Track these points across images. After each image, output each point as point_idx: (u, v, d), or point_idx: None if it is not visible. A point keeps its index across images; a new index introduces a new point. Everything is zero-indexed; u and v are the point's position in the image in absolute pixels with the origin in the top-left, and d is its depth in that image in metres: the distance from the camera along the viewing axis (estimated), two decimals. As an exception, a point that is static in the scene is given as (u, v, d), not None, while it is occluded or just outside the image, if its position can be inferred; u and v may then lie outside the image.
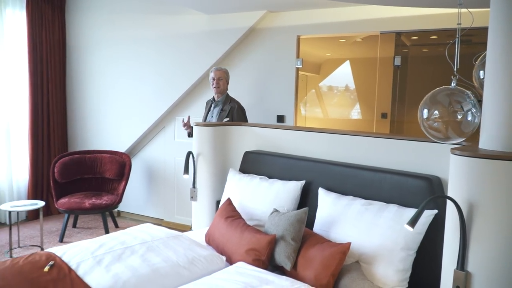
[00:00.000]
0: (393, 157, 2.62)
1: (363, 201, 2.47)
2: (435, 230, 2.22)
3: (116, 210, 5.22)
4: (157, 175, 4.93)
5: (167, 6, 4.54)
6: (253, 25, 4.15)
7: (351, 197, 2.55)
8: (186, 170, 3.23)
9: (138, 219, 5.08)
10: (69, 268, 2.06)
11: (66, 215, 4.32)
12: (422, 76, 4.24)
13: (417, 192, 2.35)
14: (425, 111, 2.18)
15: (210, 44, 4.34)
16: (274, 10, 4.10)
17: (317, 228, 2.56)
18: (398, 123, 4.28)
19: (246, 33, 4.21)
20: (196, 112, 4.61)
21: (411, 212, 2.26)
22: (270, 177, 3.03)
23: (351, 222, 2.39)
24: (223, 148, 3.36)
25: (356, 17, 3.80)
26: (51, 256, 2.16)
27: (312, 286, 2.08)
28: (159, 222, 4.96)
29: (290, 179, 2.89)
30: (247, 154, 3.27)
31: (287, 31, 4.11)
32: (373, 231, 2.29)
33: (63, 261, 2.12)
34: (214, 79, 3.80)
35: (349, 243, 2.15)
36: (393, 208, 2.34)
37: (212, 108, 3.89)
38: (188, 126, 3.90)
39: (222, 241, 2.56)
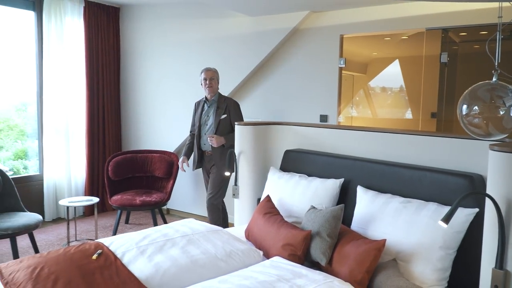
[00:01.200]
0: (434, 155, 2.56)
1: (402, 199, 2.44)
2: (477, 229, 2.15)
3: (165, 207, 5.44)
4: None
5: (212, 10, 4.68)
6: (296, 26, 4.19)
7: (389, 195, 2.53)
8: (228, 168, 3.33)
9: (185, 217, 5.25)
10: (115, 257, 2.21)
11: (119, 211, 4.57)
12: (473, 73, 4.08)
13: (457, 190, 2.29)
14: (464, 107, 2.13)
15: (254, 46, 4.43)
16: (317, 10, 4.12)
17: (354, 225, 2.56)
18: (447, 122, 4.14)
19: (290, 34, 4.25)
20: (257, 113, 4.71)
21: (451, 211, 2.21)
22: (309, 175, 3.06)
23: (389, 220, 2.37)
24: (264, 147, 3.43)
25: (401, 14, 3.74)
26: (99, 246, 2.32)
27: (346, 281, 2.09)
28: (205, 220, 5.10)
29: (329, 177, 2.90)
30: (287, 153, 3.31)
31: (330, 31, 4.11)
32: (411, 229, 2.25)
33: (110, 250, 2.27)
34: (206, 80, 3.90)
35: (384, 240, 2.14)
36: (432, 206, 2.29)
37: (206, 108, 3.99)
38: (185, 163, 4.14)
39: (260, 236, 2.63)
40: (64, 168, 5.04)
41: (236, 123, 3.46)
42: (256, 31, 4.42)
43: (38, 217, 3.83)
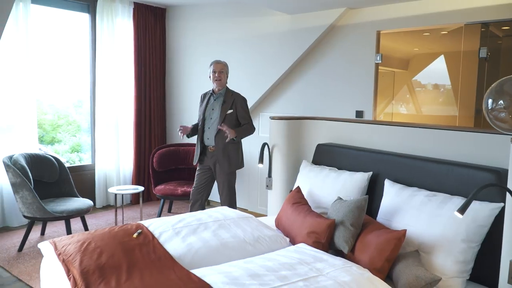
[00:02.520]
0: (461, 149, 2.58)
1: (427, 192, 2.49)
2: (503, 224, 2.16)
3: (206, 198, 5.68)
4: (243, 168, 5.25)
5: (251, 9, 4.85)
6: (333, 23, 4.26)
7: (415, 188, 2.58)
8: (260, 160, 3.48)
9: (225, 208, 5.47)
10: (153, 236, 2.43)
11: (162, 200, 4.86)
12: (517, 68, 3.97)
13: (483, 184, 2.30)
14: (490, 101, 2.16)
15: (291, 43, 4.55)
16: (354, 6, 4.17)
17: (380, 217, 2.64)
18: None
19: (326, 31, 4.33)
20: (277, 108, 4.85)
21: (476, 205, 2.24)
22: (339, 168, 3.15)
23: (413, 212, 2.43)
24: (297, 140, 3.55)
25: (438, 9, 3.72)
26: (140, 226, 2.55)
27: (366, 268, 2.18)
28: (242, 211, 5.29)
29: (358, 171, 2.98)
30: (319, 147, 3.42)
31: (367, 27, 4.15)
32: (434, 221, 2.31)
33: (149, 231, 2.50)
34: (215, 72, 3.79)
35: (405, 230, 2.21)
36: (457, 200, 2.33)
37: (212, 101, 3.85)
38: (185, 130, 3.87)
39: (288, 224, 2.76)
40: (114, 159, 5.40)
41: (270, 117, 3.60)
42: (293, 29, 4.53)
43: (89, 202, 4.17)
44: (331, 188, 2.96)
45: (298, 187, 3.03)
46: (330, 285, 1.89)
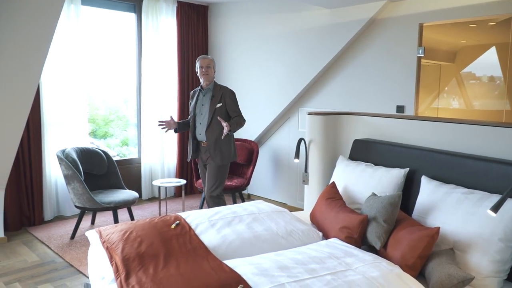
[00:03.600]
0: (501, 146, 2.50)
1: (464, 189, 2.44)
2: (542, 223, 2.09)
3: (246, 192, 5.80)
4: (282, 163, 5.32)
5: (291, 4, 4.86)
6: (373, 16, 4.20)
7: (453, 185, 2.53)
8: (296, 155, 3.52)
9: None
10: (190, 227, 2.55)
11: (203, 193, 5.01)
12: None
13: (522, 182, 2.23)
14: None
15: (331, 38, 4.53)
16: (395, -1, 4.10)
17: (415, 214, 2.61)
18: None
19: (367, 24, 4.28)
20: (316, 104, 4.86)
21: (515, 203, 2.17)
22: (376, 164, 3.13)
23: (449, 209, 2.39)
24: (333, 136, 3.55)
25: (483, 0, 3.57)
26: (178, 218, 2.68)
27: (397, 265, 2.18)
28: (282, 206, 5.36)
29: (395, 167, 2.95)
30: (356, 142, 3.41)
31: (409, 20, 4.05)
32: (471, 219, 2.26)
33: (186, 222, 2.62)
34: (202, 67, 3.82)
35: (438, 228, 2.18)
36: (495, 198, 2.26)
37: (201, 96, 3.89)
38: (168, 124, 3.91)
39: (321, 219, 2.79)
40: (158, 153, 5.62)
41: (307, 112, 3.63)
42: (333, 23, 4.51)
43: (135, 194, 4.39)
44: (367, 184, 2.95)
45: (333, 182, 3.05)
46: (357, 279, 1.91)
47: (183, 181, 4.72)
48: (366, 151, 3.28)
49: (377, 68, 4.32)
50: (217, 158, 3.81)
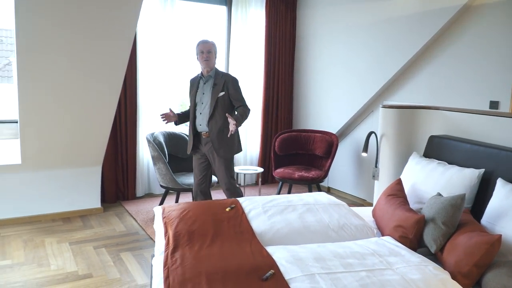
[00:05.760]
0: None
1: (543, 197, 2.15)
2: None
3: (326, 185, 5.74)
4: (363, 157, 5.15)
5: (380, -7, 4.66)
6: (467, 3, 3.84)
7: (531, 191, 2.25)
8: (365, 149, 3.40)
9: (344, 197, 5.46)
10: (243, 211, 2.64)
11: (280, 182, 5.09)
12: None
13: None
14: None
15: (419, 27, 4.24)
16: (495, -17, 3.69)
17: (484, 219, 2.38)
18: None
19: (459, 12, 3.92)
20: (401, 97, 4.61)
21: None
22: (450, 163, 2.90)
23: (522, 217, 2.13)
24: (408, 131, 3.35)
25: None
26: (234, 202, 2.79)
27: (449, 271, 2.02)
28: (361, 202, 5.21)
29: (470, 167, 2.71)
30: (432, 138, 3.18)
31: (508, 6, 3.63)
32: (545, 230, 2.00)
33: (241, 206, 2.71)
34: (203, 52, 3.53)
35: (500, 235, 1.97)
36: None
37: (202, 84, 3.63)
38: (168, 117, 3.66)
39: (379, 215, 2.68)
40: (242, 141, 5.80)
41: (381, 105, 3.47)
42: (422, 11, 4.21)
43: (214, 178, 4.62)
44: (435, 183, 2.75)
45: (399, 179, 2.90)
46: (394, 280, 1.82)
47: (260, 170, 4.84)
48: (441, 149, 3.05)
49: (469, 59, 3.94)
50: (221, 151, 3.60)
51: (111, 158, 4.89)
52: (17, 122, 3.82)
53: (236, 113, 3.62)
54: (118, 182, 5.04)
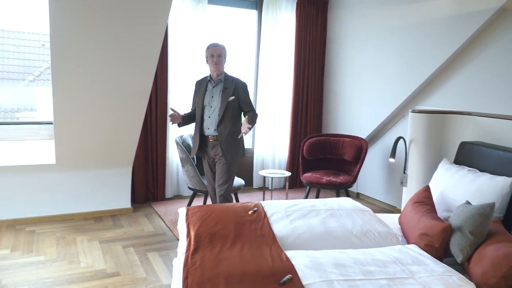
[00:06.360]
0: None
1: None
2: None
3: (355, 191, 5.65)
4: (394, 163, 5.04)
5: (413, -5, 4.56)
6: (504, 5, 3.70)
7: None
8: (392, 155, 3.32)
9: (373, 203, 5.35)
10: (265, 215, 2.64)
11: (308, 187, 5.05)
12: None
13: None
14: None
15: (453, 30, 4.12)
16: (534, -16, 3.54)
17: (516, 231, 2.28)
18: None
19: (495, 15, 3.78)
20: (433, 102, 4.48)
21: None
22: (482, 170, 2.79)
23: (556, 229, 2.03)
24: (438, 137, 3.26)
25: None
26: (257, 205, 2.80)
27: (477, 283, 1.95)
28: (391, 208, 5.10)
29: (502, 174, 2.60)
30: (463, 145, 3.08)
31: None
32: None
33: (263, 210, 2.72)
34: (213, 56, 3.49)
35: (529, 247, 1.88)
36: None
37: (210, 88, 3.58)
38: (173, 118, 3.58)
39: (405, 223, 2.62)
40: (270, 145, 5.83)
41: (410, 110, 3.39)
42: (456, 14, 4.09)
43: (241, 182, 4.65)
44: (465, 190, 2.66)
45: (426, 186, 2.82)
46: (415, 289, 1.77)
47: (288, 173, 4.83)
48: (472, 155, 2.94)
49: (504, 64, 3.79)
50: (229, 155, 3.56)
51: (142, 160, 5.00)
52: (52, 124, 3.98)
53: (246, 117, 3.55)
54: (148, 183, 5.14)
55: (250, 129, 3.38)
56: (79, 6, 3.28)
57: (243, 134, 3.41)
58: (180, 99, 5.21)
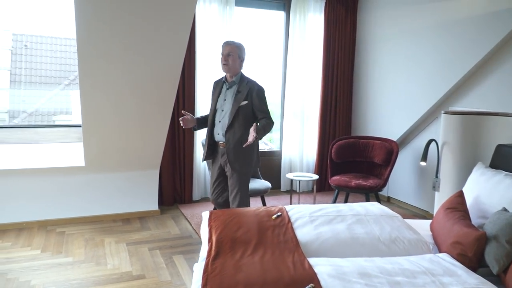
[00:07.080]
0: None
1: None
2: None
3: (385, 195, 5.49)
4: (426, 167, 4.85)
5: (446, -8, 4.38)
6: (545, -1, 3.50)
7: None
8: (424, 158, 3.19)
9: (404, 207, 5.18)
10: (289, 220, 2.57)
11: (336, 191, 4.94)
12: None
13: None
14: None
15: (488, 28, 3.93)
16: None
17: (559, 240, 2.11)
18: None
19: (536, 10, 3.59)
20: (468, 103, 4.29)
21: None
22: (521, 175, 2.63)
23: None
24: (472, 139, 3.10)
25: None
26: (281, 210, 2.73)
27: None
28: (424, 213, 4.92)
29: (543, 180, 2.44)
30: (499, 148, 2.91)
31: None
32: None
33: (287, 214, 2.65)
34: (222, 55, 3.24)
35: None
36: None
37: (224, 90, 3.34)
38: (185, 121, 3.39)
39: (436, 230, 2.49)
40: (298, 148, 5.75)
41: (443, 111, 3.24)
42: (492, 11, 3.89)
43: (268, 184, 4.58)
44: (501, 196, 2.50)
45: (460, 191, 2.67)
46: (446, 302, 1.66)
47: (315, 176, 4.73)
48: (510, 159, 2.77)
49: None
50: (237, 165, 3.28)
51: (169, 162, 5.03)
52: (81, 126, 4.05)
53: (258, 124, 3.27)
54: (176, 186, 5.17)
55: (256, 138, 3.12)
56: (105, 12, 3.33)
57: (247, 143, 3.11)
58: (207, 102, 5.21)
